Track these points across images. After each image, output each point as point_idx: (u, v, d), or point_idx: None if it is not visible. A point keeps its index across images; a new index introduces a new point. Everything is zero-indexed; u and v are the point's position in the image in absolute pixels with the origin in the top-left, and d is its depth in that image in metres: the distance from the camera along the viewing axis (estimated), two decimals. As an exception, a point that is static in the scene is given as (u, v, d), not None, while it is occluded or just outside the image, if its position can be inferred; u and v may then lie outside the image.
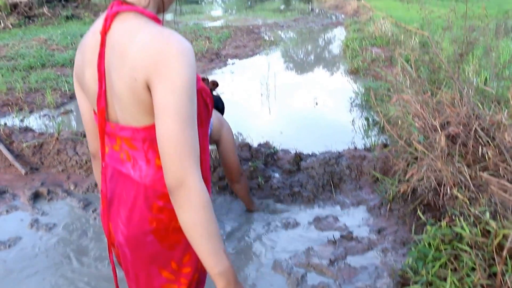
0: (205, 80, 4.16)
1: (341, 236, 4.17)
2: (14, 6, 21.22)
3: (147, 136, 1.68)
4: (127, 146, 1.74)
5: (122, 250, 1.85)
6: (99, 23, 1.67)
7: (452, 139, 3.90)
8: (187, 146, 1.55)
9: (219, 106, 4.18)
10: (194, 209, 1.57)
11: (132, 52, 1.53)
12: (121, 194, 1.81)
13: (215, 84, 4.15)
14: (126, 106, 1.62)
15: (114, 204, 1.84)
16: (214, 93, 4.13)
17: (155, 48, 1.52)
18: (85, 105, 1.91)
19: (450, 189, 3.52)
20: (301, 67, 12.44)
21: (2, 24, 19.40)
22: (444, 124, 4.01)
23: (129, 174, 1.78)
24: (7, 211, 4.81)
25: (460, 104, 4.12)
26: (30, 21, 20.81)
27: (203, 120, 1.83)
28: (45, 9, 22.08)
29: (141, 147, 1.71)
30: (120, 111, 1.66)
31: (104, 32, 1.60)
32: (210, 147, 3.86)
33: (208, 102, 1.84)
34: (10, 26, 19.38)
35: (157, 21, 1.66)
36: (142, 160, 1.74)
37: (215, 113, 3.88)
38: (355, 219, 4.50)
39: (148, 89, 1.55)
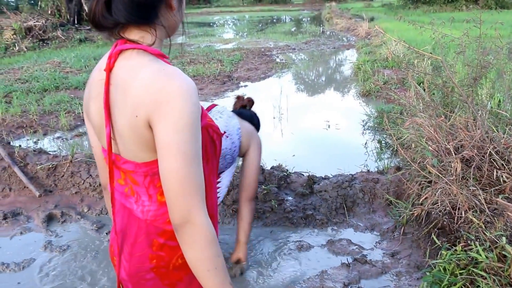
0: (240, 97, 4.16)
1: (355, 260, 4.16)
2: (29, 29, 21.51)
3: (149, 171, 1.70)
4: (130, 180, 1.76)
5: (125, 286, 1.87)
6: (104, 60, 1.70)
7: (466, 162, 3.89)
8: (191, 184, 1.57)
9: (254, 121, 4.11)
10: (200, 246, 1.61)
11: (134, 89, 1.56)
12: (126, 229, 1.83)
13: (250, 101, 4.16)
14: (127, 142, 1.65)
15: (120, 239, 1.86)
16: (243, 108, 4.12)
17: (157, 86, 1.54)
18: (94, 137, 1.92)
19: (465, 213, 3.51)
20: (313, 89, 12.46)
21: (17, 47, 19.64)
22: (458, 148, 4.01)
23: (132, 209, 1.80)
24: (21, 233, 4.84)
25: (474, 127, 4.12)
26: (44, 44, 21.06)
27: (209, 156, 1.85)
28: (59, 32, 22.37)
29: (142, 182, 1.73)
30: (122, 146, 1.68)
31: (109, 70, 1.63)
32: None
33: (215, 138, 1.86)
34: (25, 49, 19.62)
35: (162, 57, 1.68)
36: (144, 195, 1.76)
37: (245, 126, 3.81)
38: (369, 242, 4.48)
39: (149, 126, 1.57)
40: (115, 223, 1.85)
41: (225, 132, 3.48)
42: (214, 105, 3.68)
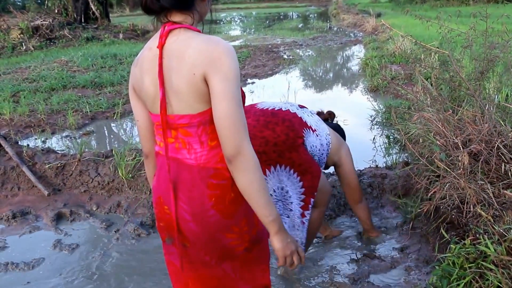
0: (320, 112, 4.21)
1: (364, 255, 4.18)
2: (36, 28, 21.54)
3: (202, 120, 2.08)
4: (183, 134, 2.13)
5: (188, 226, 2.19)
6: (153, 41, 2.13)
7: (474, 156, 3.89)
8: (241, 122, 2.01)
9: (340, 133, 4.16)
10: (250, 171, 2.04)
11: (189, 54, 1.99)
12: (178, 179, 2.17)
13: (331, 114, 4.29)
14: (185, 98, 2.04)
15: (176, 186, 2.18)
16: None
17: (209, 49, 2.00)
18: (140, 110, 2.33)
19: (473, 207, 3.51)
20: (321, 85, 12.47)
21: (24, 47, 19.70)
22: (466, 142, 4.01)
23: (184, 159, 2.16)
24: (30, 232, 4.88)
25: (481, 121, 4.12)
26: (51, 43, 21.08)
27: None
28: (66, 31, 22.37)
29: (195, 132, 2.11)
30: (178, 103, 2.06)
31: (161, 46, 2.05)
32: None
33: (243, 94, 2.16)
34: (32, 48, 19.66)
35: (200, 33, 2.14)
36: (196, 144, 2.13)
37: (334, 134, 3.86)
38: (378, 237, 4.50)
39: (205, 81, 1.99)
40: (170, 177, 2.17)
41: (315, 130, 3.57)
42: (303, 106, 3.75)
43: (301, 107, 3.71)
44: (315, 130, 3.58)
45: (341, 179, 4.05)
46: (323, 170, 3.82)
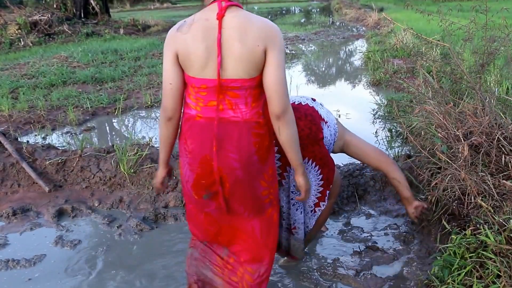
0: None
1: (367, 247, 4.20)
2: (34, 24, 21.35)
3: (251, 85, 2.56)
4: (231, 96, 2.57)
5: (234, 174, 2.66)
6: (208, 13, 2.52)
7: (475, 148, 3.91)
8: (286, 87, 2.59)
9: None
10: (293, 124, 2.67)
11: (253, 29, 2.48)
12: (227, 135, 2.61)
13: None
14: (244, 64, 2.49)
15: (221, 143, 2.61)
16: None
17: (268, 28, 2.53)
18: (176, 74, 2.63)
19: (474, 198, 3.54)
20: (323, 79, 12.48)
21: (22, 42, 19.58)
22: (467, 134, 4.03)
23: (231, 118, 2.60)
24: (31, 229, 4.85)
25: (482, 114, 4.14)
26: (50, 39, 20.88)
27: None
28: (65, 27, 22.21)
29: (243, 94, 2.57)
30: (235, 68, 2.50)
31: (221, 18, 2.46)
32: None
33: None
34: (31, 44, 19.51)
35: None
36: (242, 104, 2.59)
37: (339, 122, 3.86)
38: (380, 229, 4.53)
39: (264, 52, 2.49)
40: (217, 134, 2.60)
41: (327, 122, 3.63)
42: (314, 99, 3.79)
43: (313, 100, 3.75)
44: (327, 122, 3.62)
45: (357, 154, 3.96)
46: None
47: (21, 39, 19.86)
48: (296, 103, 3.61)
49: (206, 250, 3.11)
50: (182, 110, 2.77)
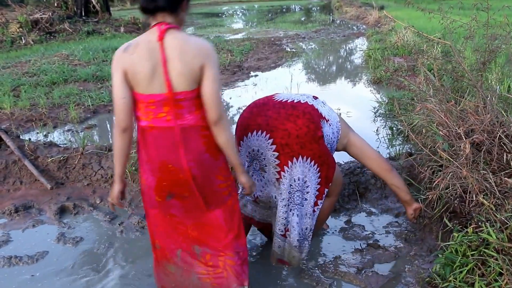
0: None
1: (368, 245, 4.21)
2: (35, 22, 21.33)
3: (193, 95, 2.83)
4: (176, 108, 2.83)
5: (192, 172, 2.95)
6: (150, 35, 2.79)
7: (476, 146, 3.92)
8: (220, 98, 2.91)
9: None
10: (228, 130, 2.96)
11: (190, 49, 2.78)
12: (177, 139, 2.88)
13: None
14: (185, 79, 2.77)
15: (175, 147, 2.90)
16: None
17: (204, 47, 2.83)
18: (127, 90, 2.85)
19: (475, 196, 3.54)
20: (324, 78, 12.47)
21: (23, 41, 19.55)
22: (469, 132, 4.04)
23: (178, 125, 2.86)
24: (33, 226, 4.88)
25: (483, 111, 4.14)
26: (51, 37, 20.83)
27: None
28: (66, 25, 22.17)
29: (186, 105, 2.84)
30: (178, 83, 2.77)
31: (161, 39, 2.75)
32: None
33: None
34: (32, 42, 19.48)
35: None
36: (187, 113, 2.86)
37: (342, 120, 3.91)
38: (382, 227, 4.54)
39: (201, 68, 2.77)
40: (175, 141, 2.89)
41: (328, 120, 3.65)
42: (316, 97, 3.82)
43: (315, 98, 3.77)
44: (328, 120, 3.64)
45: (359, 156, 4.02)
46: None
47: (23, 38, 19.83)
48: (295, 101, 3.63)
49: (184, 261, 3.30)
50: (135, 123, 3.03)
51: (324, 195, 3.70)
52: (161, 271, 3.37)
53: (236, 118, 8.15)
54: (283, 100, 3.66)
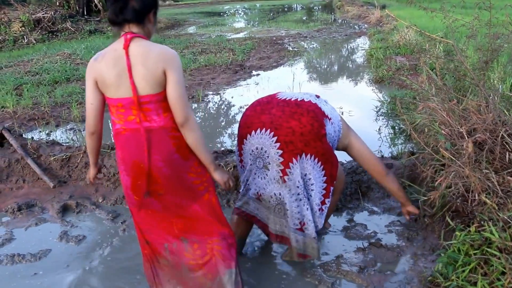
0: None
1: (370, 244, 4.21)
2: (38, 21, 21.43)
3: (159, 98, 2.97)
4: (144, 110, 2.98)
5: (162, 172, 3.07)
6: (116, 45, 2.98)
7: (479, 145, 3.92)
8: (187, 100, 3.03)
9: None
10: (196, 130, 3.08)
11: (153, 55, 2.92)
12: (148, 140, 3.01)
13: None
14: (149, 82, 2.92)
15: (145, 148, 3.02)
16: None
17: (166, 53, 2.97)
18: (97, 96, 3.07)
19: (478, 195, 3.54)
20: (326, 77, 12.47)
21: (25, 40, 19.62)
22: (471, 131, 4.04)
23: (148, 127, 3.01)
24: (36, 224, 4.91)
25: (486, 110, 4.14)
26: (54, 36, 20.97)
27: None
28: (68, 24, 22.29)
29: (154, 108, 2.99)
30: (143, 86, 2.92)
31: (127, 47, 2.92)
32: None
33: None
34: (34, 41, 19.58)
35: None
36: (155, 115, 3.01)
37: (343, 119, 3.98)
38: (384, 226, 4.53)
39: (164, 73, 2.92)
40: (145, 142, 3.01)
41: (330, 119, 3.70)
42: (318, 96, 3.87)
43: (317, 96, 3.82)
44: (330, 119, 3.69)
45: (358, 158, 4.11)
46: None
47: (25, 37, 19.91)
48: (299, 99, 3.67)
49: (172, 254, 3.40)
50: (111, 127, 3.24)
51: (330, 194, 3.75)
52: (156, 267, 3.47)
53: (238, 117, 8.30)
54: (286, 99, 3.70)
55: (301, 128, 3.50)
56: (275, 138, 3.53)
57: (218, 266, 3.34)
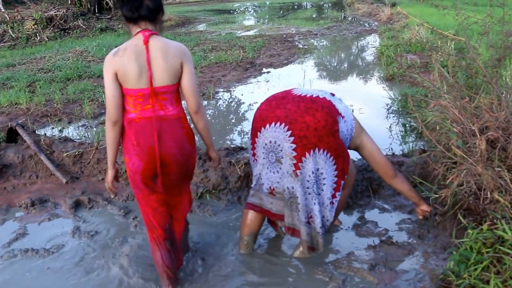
0: None
1: (381, 241, 4.21)
2: (50, 19, 21.54)
3: (175, 89, 3.40)
4: (161, 100, 3.34)
5: (175, 159, 3.44)
6: (136, 40, 3.31)
7: (491, 143, 3.90)
8: (198, 89, 3.48)
9: None
10: (205, 117, 3.60)
11: (171, 49, 3.33)
12: (162, 128, 3.36)
13: None
14: (167, 74, 3.31)
15: (160, 135, 3.36)
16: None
17: (182, 48, 3.42)
18: (117, 88, 3.32)
19: (490, 193, 3.53)
20: (336, 74, 12.45)
21: (38, 37, 19.73)
22: (483, 129, 4.02)
23: (162, 115, 3.36)
24: (49, 219, 4.96)
25: (498, 108, 4.12)
26: (66, 34, 21.10)
27: None
28: (80, 22, 22.38)
29: (169, 98, 3.38)
30: (162, 78, 3.30)
31: (147, 43, 3.27)
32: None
33: None
34: (46, 39, 19.69)
35: None
36: (169, 105, 3.40)
37: (356, 119, 4.05)
38: (395, 224, 4.53)
39: (181, 65, 3.35)
40: (155, 128, 3.34)
41: (344, 117, 3.78)
42: (333, 94, 3.95)
43: (332, 94, 3.90)
44: (344, 117, 3.77)
45: (368, 159, 4.19)
46: None
47: (37, 34, 20.02)
48: (314, 96, 3.75)
49: (171, 232, 3.75)
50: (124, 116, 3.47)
51: (341, 187, 3.81)
52: (163, 249, 3.66)
53: (248, 114, 8.31)
54: (302, 94, 3.79)
55: (316, 123, 3.57)
56: (289, 132, 3.59)
57: (181, 233, 3.86)
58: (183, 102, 3.54)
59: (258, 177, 3.90)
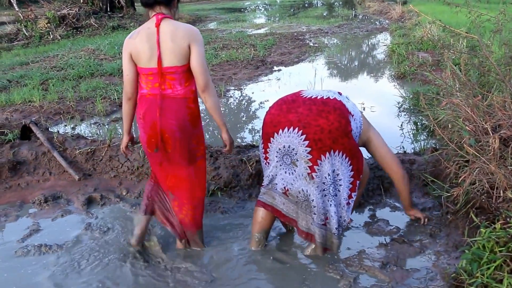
0: None
1: (393, 239, 4.20)
2: (62, 18, 21.68)
3: (183, 70, 3.62)
4: (170, 79, 3.62)
5: (174, 135, 3.68)
6: (149, 23, 3.62)
7: (504, 142, 3.88)
8: (207, 69, 3.67)
9: None
10: (215, 95, 3.78)
11: (180, 32, 3.57)
12: (167, 106, 3.65)
13: None
14: (177, 55, 3.56)
15: (163, 112, 3.64)
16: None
17: (191, 30, 3.63)
18: (132, 67, 3.71)
19: (503, 192, 3.52)
20: (347, 72, 12.42)
21: (51, 36, 19.87)
22: (496, 127, 4.01)
23: (170, 94, 3.65)
24: (62, 216, 4.98)
25: (511, 107, 4.10)
26: (78, 32, 21.26)
27: None
28: (92, 20, 22.50)
29: (178, 78, 3.63)
30: (170, 59, 3.57)
31: (158, 26, 3.55)
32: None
33: None
34: (59, 37, 19.85)
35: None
36: (178, 84, 3.66)
37: (363, 115, 4.07)
38: (406, 222, 4.51)
39: (189, 47, 3.57)
40: (160, 105, 3.65)
41: (353, 115, 3.80)
42: (340, 93, 3.97)
43: (339, 93, 3.92)
44: (353, 115, 3.79)
45: (374, 153, 4.19)
46: None
47: (50, 33, 20.17)
48: (324, 97, 3.77)
49: (161, 194, 4.13)
50: (138, 91, 3.81)
51: (357, 187, 3.83)
52: (155, 188, 4.15)
53: (259, 112, 8.31)
54: (312, 97, 3.79)
55: (329, 126, 3.58)
56: (304, 136, 3.60)
57: (188, 226, 4.09)
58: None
59: (271, 177, 3.90)
